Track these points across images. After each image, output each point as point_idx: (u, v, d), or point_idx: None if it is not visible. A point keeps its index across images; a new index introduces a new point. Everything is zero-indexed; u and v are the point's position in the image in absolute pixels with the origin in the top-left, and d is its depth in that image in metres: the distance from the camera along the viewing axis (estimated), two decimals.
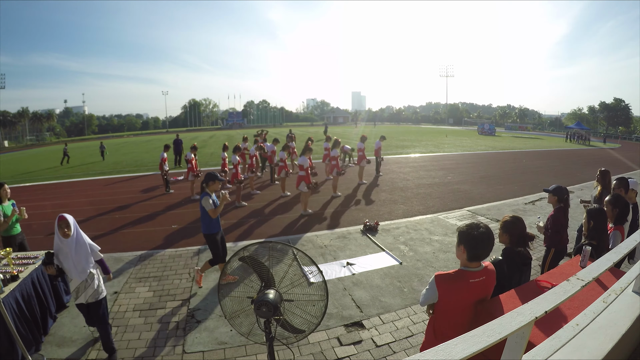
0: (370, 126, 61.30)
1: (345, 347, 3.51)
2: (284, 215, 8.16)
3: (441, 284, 2.03)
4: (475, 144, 28.09)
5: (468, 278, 2.02)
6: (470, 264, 2.05)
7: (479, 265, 2.06)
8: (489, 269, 2.12)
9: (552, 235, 3.70)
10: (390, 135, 36.96)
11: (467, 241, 2.01)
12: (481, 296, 2.10)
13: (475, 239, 1.98)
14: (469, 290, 2.03)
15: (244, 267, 2.35)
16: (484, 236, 1.98)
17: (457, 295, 2.03)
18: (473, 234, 1.99)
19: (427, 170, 14.65)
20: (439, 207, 8.78)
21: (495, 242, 2.28)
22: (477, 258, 2.03)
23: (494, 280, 2.14)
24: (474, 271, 2.03)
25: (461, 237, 2.04)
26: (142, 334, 3.77)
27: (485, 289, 2.10)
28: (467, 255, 2.03)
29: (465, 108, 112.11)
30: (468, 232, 2.01)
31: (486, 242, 1.98)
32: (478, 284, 2.03)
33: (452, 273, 2.06)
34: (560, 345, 1.57)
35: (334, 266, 5.32)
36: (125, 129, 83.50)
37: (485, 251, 2.01)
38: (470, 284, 2.02)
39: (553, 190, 3.77)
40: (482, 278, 2.04)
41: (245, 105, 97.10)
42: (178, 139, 16.58)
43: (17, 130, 63.65)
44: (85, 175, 15.36)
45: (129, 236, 7.01)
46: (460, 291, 2.02)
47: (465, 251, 2.03)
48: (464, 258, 2.06)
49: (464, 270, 2.06)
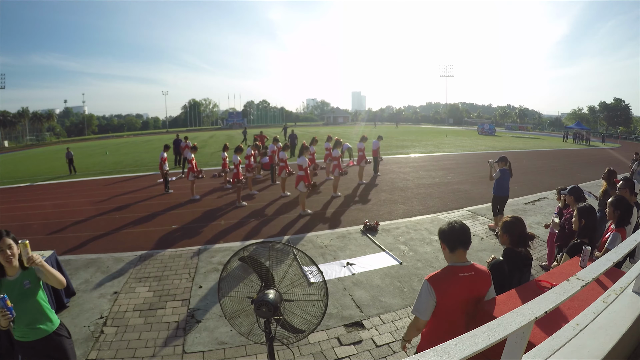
0: (370, 126, 61.23)
1: (345, 347, 3.51)
2: (284, 215, 8.16)
3: (436, 284, 2.04)
4: (475, 144, 28.09)
5: (457, 272, 2.07)
6: (454, 257, 2.11)
7: (465, 260, 2.11)
8: (478, 268, 2.13)
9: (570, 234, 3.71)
10: (390, 135, 36.98)
11: (444, 236, 2.12)
12: (473, 294, 2.09)
13: (450, 231, 2.10)
14: (459, 284, 2.05)
15: (244, 267, 2.34)
16: (457, 228, 2.10)
17: (451, 292, 2.04)
18: (447, 228, 2.12)
19: (427, 170, 14.65)
20: (439, 207, 8.78)
21: (495, 242, 2.28)
22: (456, 247, 2.09)
23: (486, 282, 2.13)
24: (461, 266, 2.09)
25: (440, 235, 2.16)
26: (142, 334, 3.77)
27: (475, 286, 2.09)
28: (448, 248, 2.11)
29: (465, 108, 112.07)
30: (444, 230, 2.14)
31: (461, 232, 2.09)
32: (467, 278, 2.06)
33: (441, 271, 2.11)
34: (560, 345, 1.57)
35: (334, 266, 5.32)
36: (125, 129, 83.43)
37: (462, 240, 2.09)
38: (459, 279, 2.05)
39: (569, 191, 3.86)
40: (470, 273, 2.08)
41: (245, 105, 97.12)
42: (178, 138, 16.58)
43: (17, 130, 63.61)
44: (85, 175, 15.36)
45: (129, 236, 7.01)
46: (452, 287, 2.04)
47: (446, 247, 2.12)
48: (447, 254, 2.14)
49: (451, 265, 2.11)
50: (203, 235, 6.84)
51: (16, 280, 2.32)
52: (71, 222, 8.11)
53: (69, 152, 16.45)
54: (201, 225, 7.53)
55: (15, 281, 2.32)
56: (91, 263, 5.63)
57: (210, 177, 12.98)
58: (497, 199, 6.85)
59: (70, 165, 16.18)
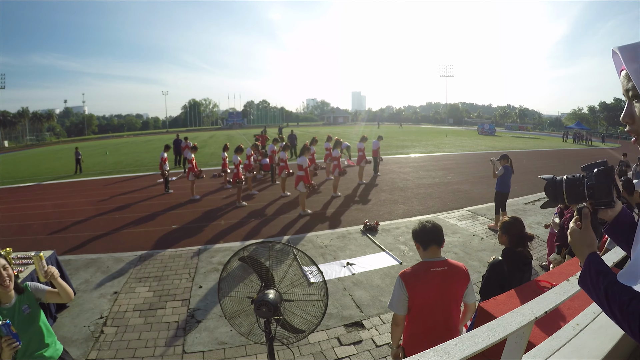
0: (373, 126, 61.14)
1: (345, 347, 3.51)
2: (284, 215, 8.16)
3: (407, 279, 2.09)
4: (475, 144, 28.09)
5: (428, 267, 2.10)
6: (427, 254, 2.15)
7: (438, 256, 2.15)
8: (453, 264, 2.15)
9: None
10: (390, 135, 36.98)
11: (417, 236, 2.17)
12: (446, 289, 2.09)
13: (421, 230, 2.15)
14: (432, 280, 2.07)
15: (244, 267, 2.34)
16: (429, 227, 2.15)
17: (422, 287, 2.07)
18: (419, 228, 2.18)
19: (427, 170, 14.65)
20: (439, 207, 8.78)
21: (495, 242, 2.29)
22: (428, 244, 2.13)
23: (462, 277, 2.14)
24: (433, 261, 2.13)
25: (413, 236, 2.21)
26: (142, 334, 3.77)
27: (449, 281, 2.10)
28: (421, 247, 2.16)
29: (465, 108, 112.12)
30: (416, 230, 2.20)
31: (433, 230, 2.14)
32: (439, 273, 2.09)
33: (413, 267, 2.16)
34: (560, 345, 1.57)
35: (334, 266, 5.32)
36: (125, 129, 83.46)
37: (432, 237, 2.13)
38: (431, 273, 2.08)
39: None
40: (443, 268, 2.11)
41: (245, 105, 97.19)
42: (178, 138, 16.59)
43: (17, 130, 63.62)
44: (86, 175, 15.36)
45: (129, 236, 7.01)
46: (423, 282, 2.08)
47: (419, 245, 2.17)
48: (421, 252, 2.18)
49: (423, 261, 2.16)
50: (203, 235, 6.85)
51: (13, 306, 2.03)
52: (71, 222, 8.11)
53: (77, 152, 16.91)
54: (201, 225, 7.53)
55: (13, 308, 2.02)
56: (91, 263, 5.63)
57: (210, 177, 12.99)
58: (499, 196, 7.05)
59: (78, 165, 16.63)
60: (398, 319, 2.16)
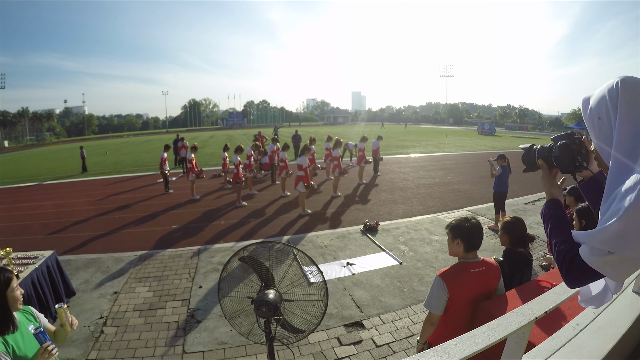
0: (377, 126, 61.00)
1: (345, 347, 3.51)
2: (284, 215, 8.16)
3: (448, 279, 2.06)
4: (475, 144, 28.09)
5: (468, 269, 2.08)
6: (467, 255, 2.11)
7: (476, 257, 2.13)
8: (489, 262, 2.16)
9: None
10: (391, 135, 36.99)
11: (462, 234, 2.08)
12: (484, 289, 2.13)
13: (469, 230, 2.07)
14: (471, 280, 2.07)
15: (244, 267, 2.34)
16: (476, 227, 2.09)
17: (463, 288, 2.07)
18: (466, 226, 2.08)
19: (427, 170, 14.65)
20: (439, 207, 8.78)
21: (495, 242, 2.30)
22: (473, 248, 2.10)
23: (497, 275, 2.17)
24: (473, 262, 2.11)
25: (455, 231, 2.11)
26: (142, 334, 3.77)
27: (486, 280, 2.13)
28: (463, 247, 2.09)
29: (465, 108, 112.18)
30: (461, 225, 2.09)
31: (479, 232, 2.09)
32: (479, 274, 2.09)
33: (453, 267, 2.12)
34: (560, 345, 1.57)
35: (334, 266, 5.32)
36: (125, 129, 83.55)
37: (479, 240, 2.10)
38: (471, 274, 2.07)
39: (569, 191, 3.84)
40: (482, 268, 2.10)
41: (245, 105, 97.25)
42: (178, 138, 16.59)
43: (17, 130, 63.68)
44: (86, 175, 15.37)
45: (129, 236, 7.01)
46: (464, 283, 2.07)
47: (461, 244, 2.09)
48: (460, 251, 2.12)
49: (463, 262, 2.12)
50: (203, 235, 6.85)
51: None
52: (71, 222, 8.11)
53: (82, 151, 17.13)
54: (201, 225, 7.53)
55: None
56: (91, 263, 5.63)
57: (210, 177, 12.99)
58: (498, 195, 7.10)
59: (84, 163, 16.96)
60: (434, 318, 2.13)
